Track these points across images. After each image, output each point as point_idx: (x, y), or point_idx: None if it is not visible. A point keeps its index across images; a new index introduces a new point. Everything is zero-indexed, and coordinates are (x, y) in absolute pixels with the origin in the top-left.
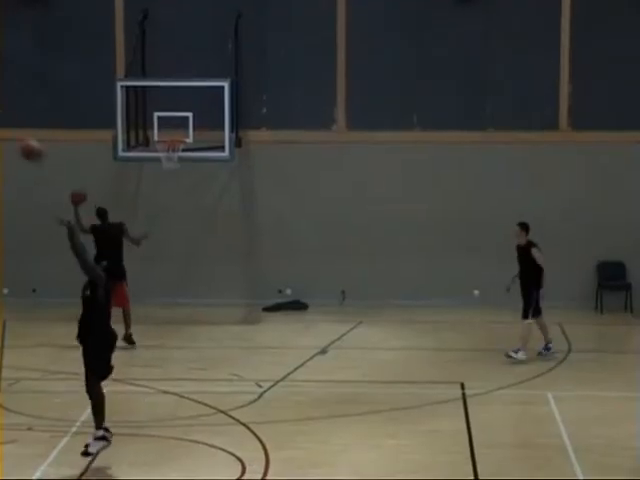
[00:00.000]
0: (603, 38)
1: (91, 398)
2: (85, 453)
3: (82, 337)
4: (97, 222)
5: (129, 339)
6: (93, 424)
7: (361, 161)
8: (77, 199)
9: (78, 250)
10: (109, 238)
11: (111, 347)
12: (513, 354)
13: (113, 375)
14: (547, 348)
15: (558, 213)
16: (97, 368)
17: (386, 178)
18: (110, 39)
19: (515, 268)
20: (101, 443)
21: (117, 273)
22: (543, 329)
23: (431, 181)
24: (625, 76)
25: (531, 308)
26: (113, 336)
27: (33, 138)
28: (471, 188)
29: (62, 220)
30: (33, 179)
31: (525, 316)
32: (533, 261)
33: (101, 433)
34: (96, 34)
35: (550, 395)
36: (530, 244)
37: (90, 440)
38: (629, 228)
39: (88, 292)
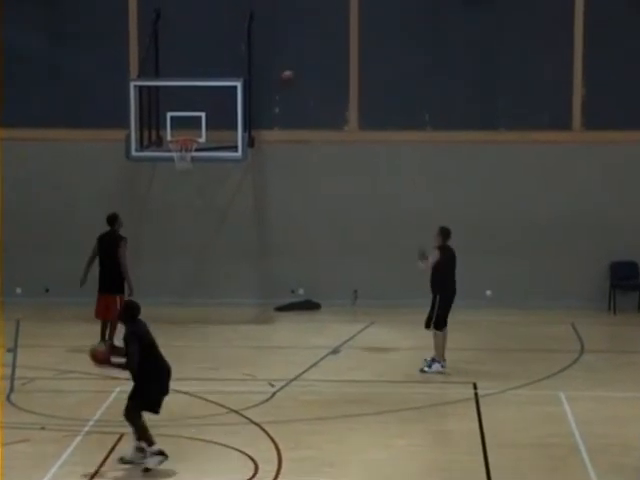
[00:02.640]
0: (616, 38)
1: (131, 425)
2: (146, 469)
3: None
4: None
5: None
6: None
7: (373, 161)
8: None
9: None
10: (101, 248)
11: (158, 382)
12: (427, 368)
13: (127, 375)
14: (429, 365)
15: (571, 213)
16: (139, 399)
17: (398, 178)
18: (123, 39)
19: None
20: (157, 458)
21: (102, 284)
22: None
23: (442, 181)
24: (638, 76)
25: (433, 318)
26: (162, 372)
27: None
28: (483, 188)
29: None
30: (47, 179)
31: (427, 325)
32: (437, 265)
33: (156, 449)
34: (109, 34)
35: (563, 395)
36: (437, 247)
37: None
38: None
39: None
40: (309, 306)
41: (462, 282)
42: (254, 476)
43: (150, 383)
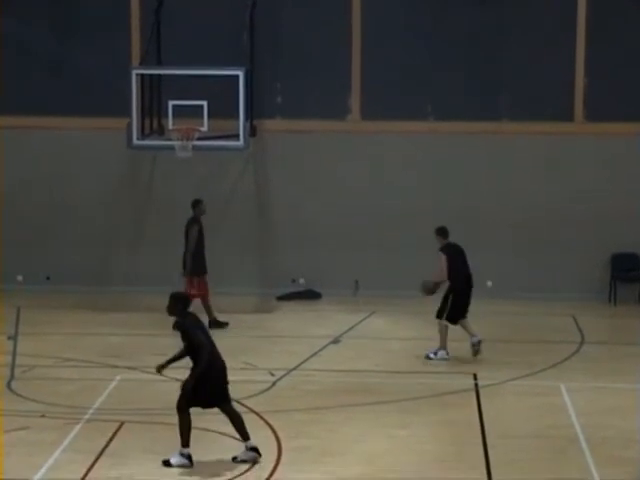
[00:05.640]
0: (618, 30)
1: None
2: (166, 462)
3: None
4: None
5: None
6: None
7: (375, 151)
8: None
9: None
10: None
11: (210, 380)
12: (432, 355)
13: (127, 363)
14: (435, 352)
15: (572, 204)
16: (189, 393)
17: (400, 168)
18: (125, 27)
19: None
20: (183, 461)
21: (184, 266)
22: (442, 334)
23: (445, 171)
24: None
25: (445, 311)
26: (216, 369)
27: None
28: (485, 179)
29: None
30: (49, 167)
31: (439, 315)
32: (448, 272)
33: (187, 452)
34: (112, 22)
35: (563, 386)
36: (442, 248)
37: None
38: None
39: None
40: (310, 296)
41: None
42: (254, 465)
43: (203, 377)
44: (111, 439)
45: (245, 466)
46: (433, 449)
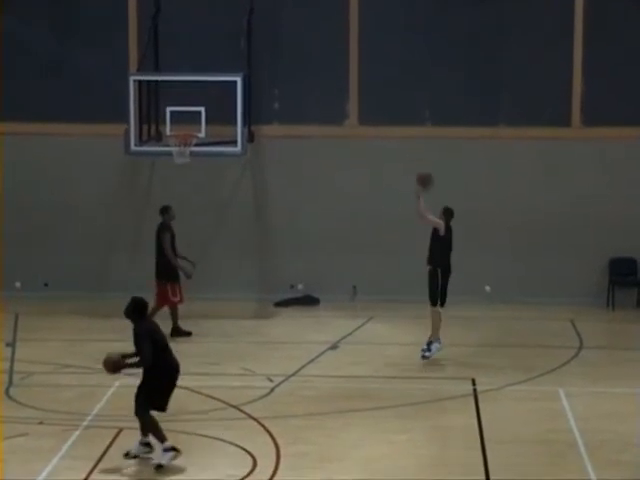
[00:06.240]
0: (615, 35)
1: (140, 422)
2: (158, 466)
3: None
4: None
5: (176, 332)
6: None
7: (373, 156)
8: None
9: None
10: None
11: (168, 383)
12: (427, 353)
13: (125, 370)
14: (429, 348)
15: (570, 209)
16: (146, 398)
17: (398, 173)
18: (123, 33)
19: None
20: (170, 454)
21: (156, 272)
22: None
23: (443, 176)
24: (637, 73)
25: (437, 295)
26: (171, 371)
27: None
28: (483, 184)
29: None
30: (47, 173)
31: (434, 302)
32: (438, 237)
33: (168, 445)
34: (109, 28)
35: (561, 391)
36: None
37: (158, 452)
38: None
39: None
40: (308, 301)
41: (461, 277)
42: (252, 471)
43: (157, 381)
44: (109, 446)
45: (244, 472)
46: (432, 454)
